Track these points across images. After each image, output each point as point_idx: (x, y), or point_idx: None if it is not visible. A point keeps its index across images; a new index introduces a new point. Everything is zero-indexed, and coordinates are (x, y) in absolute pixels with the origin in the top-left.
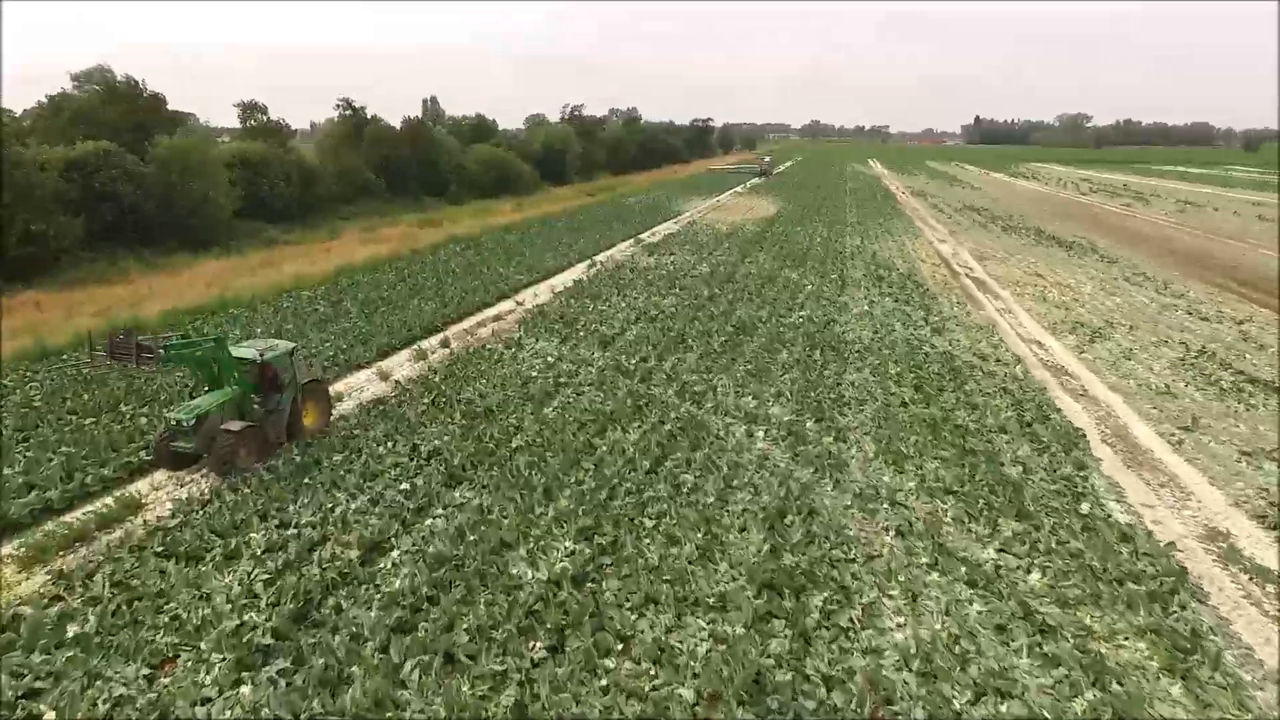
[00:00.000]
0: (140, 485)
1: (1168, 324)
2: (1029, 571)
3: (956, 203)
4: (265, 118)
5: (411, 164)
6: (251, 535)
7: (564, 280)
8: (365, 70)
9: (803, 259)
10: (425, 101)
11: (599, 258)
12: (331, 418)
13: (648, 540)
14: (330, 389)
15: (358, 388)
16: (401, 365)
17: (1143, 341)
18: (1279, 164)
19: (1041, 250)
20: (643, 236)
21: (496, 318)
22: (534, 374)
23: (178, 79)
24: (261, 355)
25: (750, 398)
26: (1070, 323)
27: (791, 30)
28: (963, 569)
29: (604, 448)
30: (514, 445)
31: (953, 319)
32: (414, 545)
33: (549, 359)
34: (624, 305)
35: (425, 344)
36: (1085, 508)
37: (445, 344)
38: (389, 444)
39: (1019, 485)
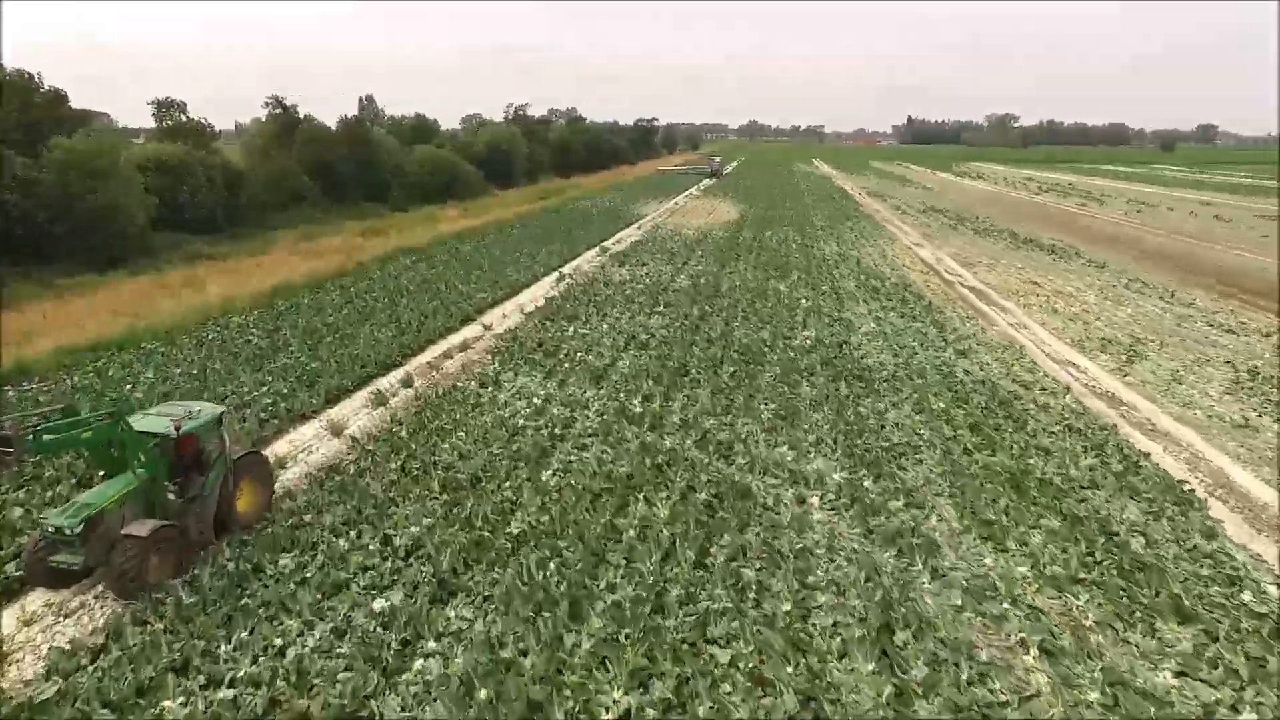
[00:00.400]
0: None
1: (1194, 338)
2: (1237, 712)
3: (917, 204)
4: (184, 116)
5: (350, 167)
6: (165, 704)
7: (532, 297)
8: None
9: (786, 268)
10: (362, 100)
11: (565, 270)
12: (273, 496)
13: (726, 685)
14: (271, 452)
15: (304, 446)
16: (357, 414)
17: (1181, 360)
18: None
19: (1025, 255)
20: (607, 244)
21: (464, 346)
22: (521, 421)
23: (105, 76)
24: (178, 428)
25: (785, 447)
26: (1095, 339)
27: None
28: (1150, 708)
29: (631, 530)
30: (514, 531)
31: (970, 337)
32: (403, 710)
33: (536, 400)
34: (607, 328)
35: (384, 383)
36: (1247, 597)
37: (408, 382)
38: (352, 534)
39: (1157, 568)
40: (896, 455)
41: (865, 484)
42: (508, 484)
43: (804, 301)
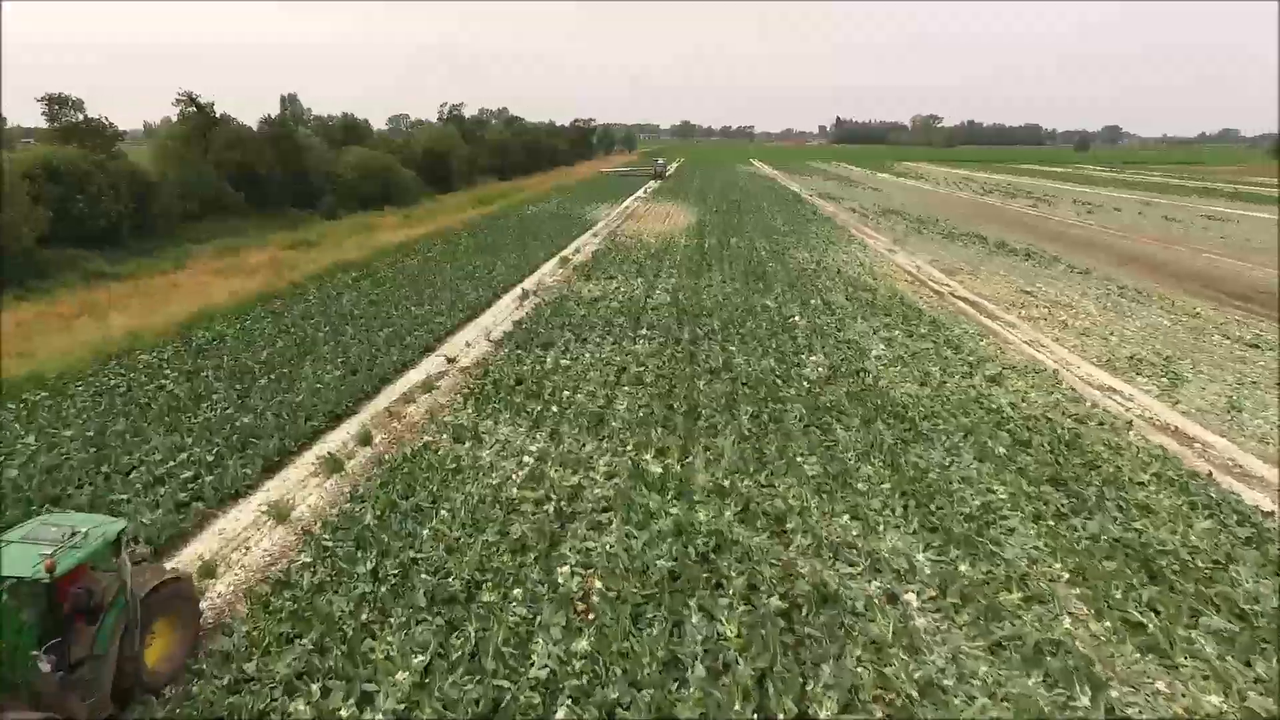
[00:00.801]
0: None
1: (1220, 354)
2: None
3: (872, 206)
4: (81, 115)
5: (275, 172)
6: None
7: (496, 320)
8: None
9: (764, 279)
10: (284, 98)
11: (527, 285)
12: (199, 636)
13: None
14: (193, 553)
15: (238, 541)
16: (306, 487)
17: (1223, 381)
18: None
19: (1004, 261)
20: (567, 254)
21: (427, 385)
22: (515, 492)
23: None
24: (51, 568)
25: (846, 517)
26: (1122, 359)
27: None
28: None
29: (698, 665)
30: (540, 674)
31: (992, 359)
32: None
33: (527, 459)
34: (590, 358)
35: (335, 441)
36: None
37: (366, 439)
38: (314, 691)
39: None
40: (982, 524)
41: (961, 568)
42: (517, 592)
43: (798, 319)
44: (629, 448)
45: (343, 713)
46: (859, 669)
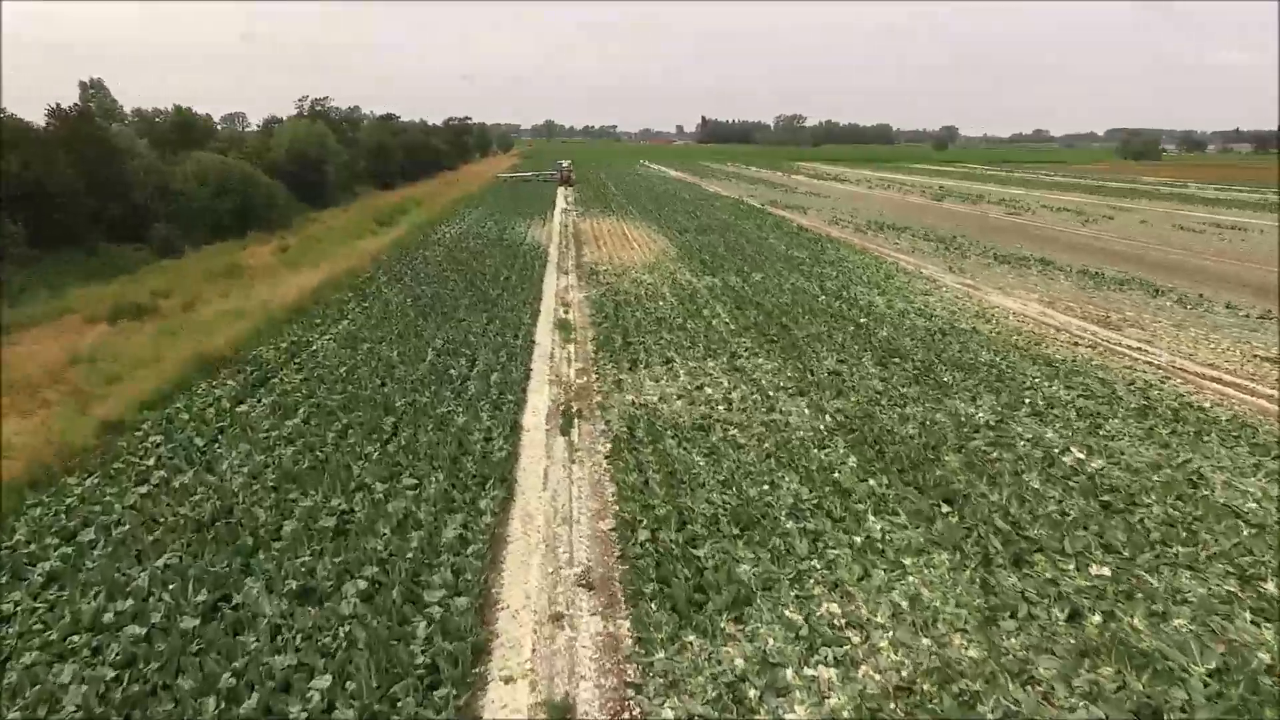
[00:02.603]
0: None
1: None
2: None
3: (848, 216)
4: None
5: (76, 186)
6: None
7: (541, 503)
8: None
9: (899, 354)
10: (85, 84)
11: (538, 403)
12: None
13: None
14: None
15: None
16: None
17: None
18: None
19: (1126, 298)
20: (552, 308)
21: None
22: None
23: None
24: None
25: None
26: None
27: (511, 28)
28: None
29: None
30: None
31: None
32: None
33: None
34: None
35: None
36: None
37: None
38: None
39: None
40: None
41: None
42: None
43: (1020, 441)
44: None
45: None
46: None
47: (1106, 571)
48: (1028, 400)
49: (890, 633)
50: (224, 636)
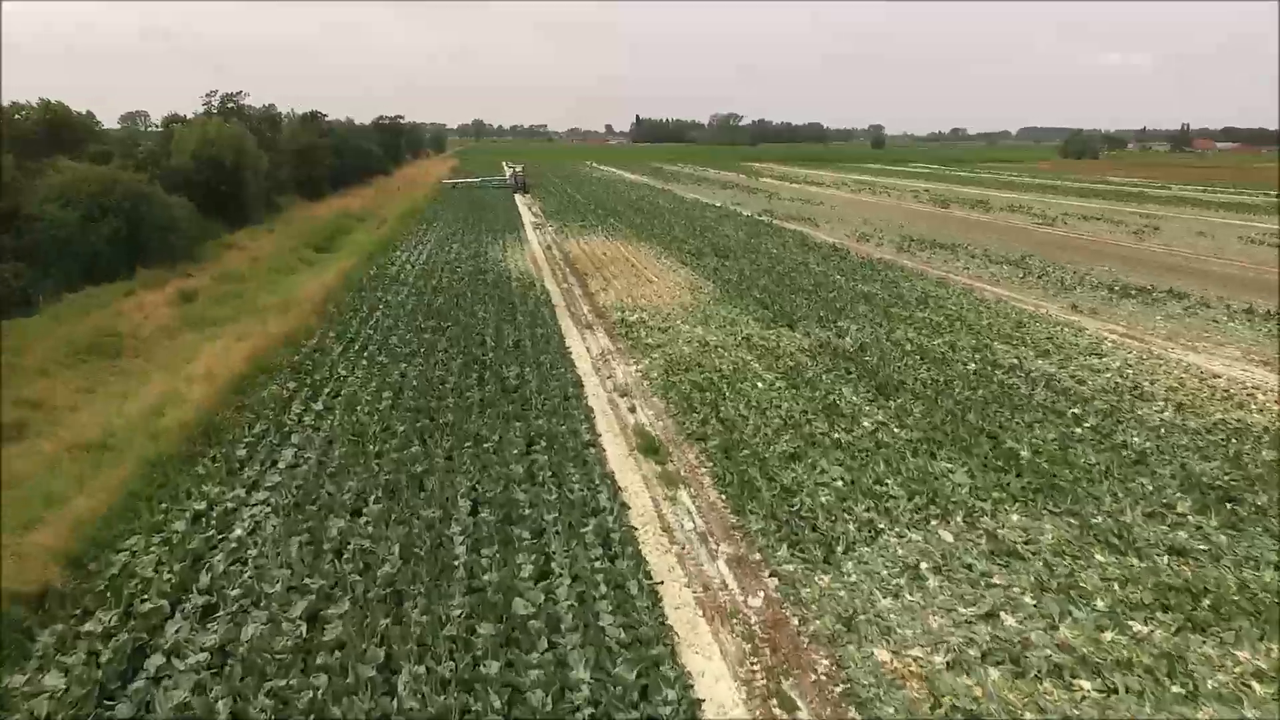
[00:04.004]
0: None
1: None
2: None
3: (866, 228)
4: None
5: None
6: None
7: None
8: None
9: (1137, 464)
10: None
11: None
12: None
13: None
14: None
15: None
16: None
17: None
18: None
19: (1241, 327)
20: (626, 411)
21: None
22: None
23: None
24: None
25: None
26: None
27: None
28: None
29: None
30: None
31: None
32: None
33: None
34: None
35: None
36: None
37: None
38: None
39: None
40: None
41: None
42: None
43: None
44: None
45: None
46: None
47: None
48: None
49: None
50: None
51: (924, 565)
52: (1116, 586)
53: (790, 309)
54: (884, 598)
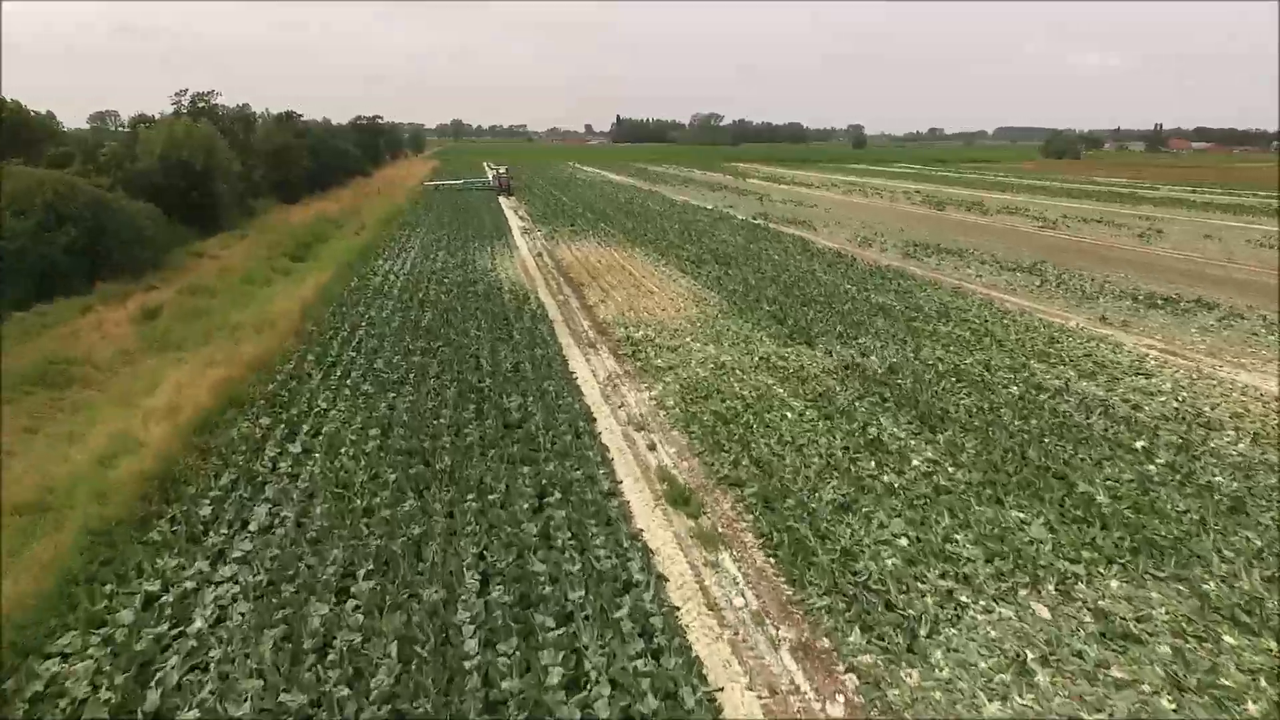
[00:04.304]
0: None
1: None
2: None
3: (866, 232)
4: None
5: None
6: None
7: None
8: None
9: (1236, 515)
10: None
11: None
12: None
13: None
14: None
15: None
16: None
17: None
18: None
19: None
20: (646, 451)
21: None
22: None
23: None
24: None
25: None
26: None
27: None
28: None
29: None
30: None
31: None
32: None
33: None
34: None
35: None
36: None
37: None
38: None
39: None
40: None
41: None
42: None
43: None
44: None
45: None
46: None
47: None
48: None
49: None
50: None
51: (1029, 655)
52: (1264, 682)
53: (805, 323)
54: (990, 700)
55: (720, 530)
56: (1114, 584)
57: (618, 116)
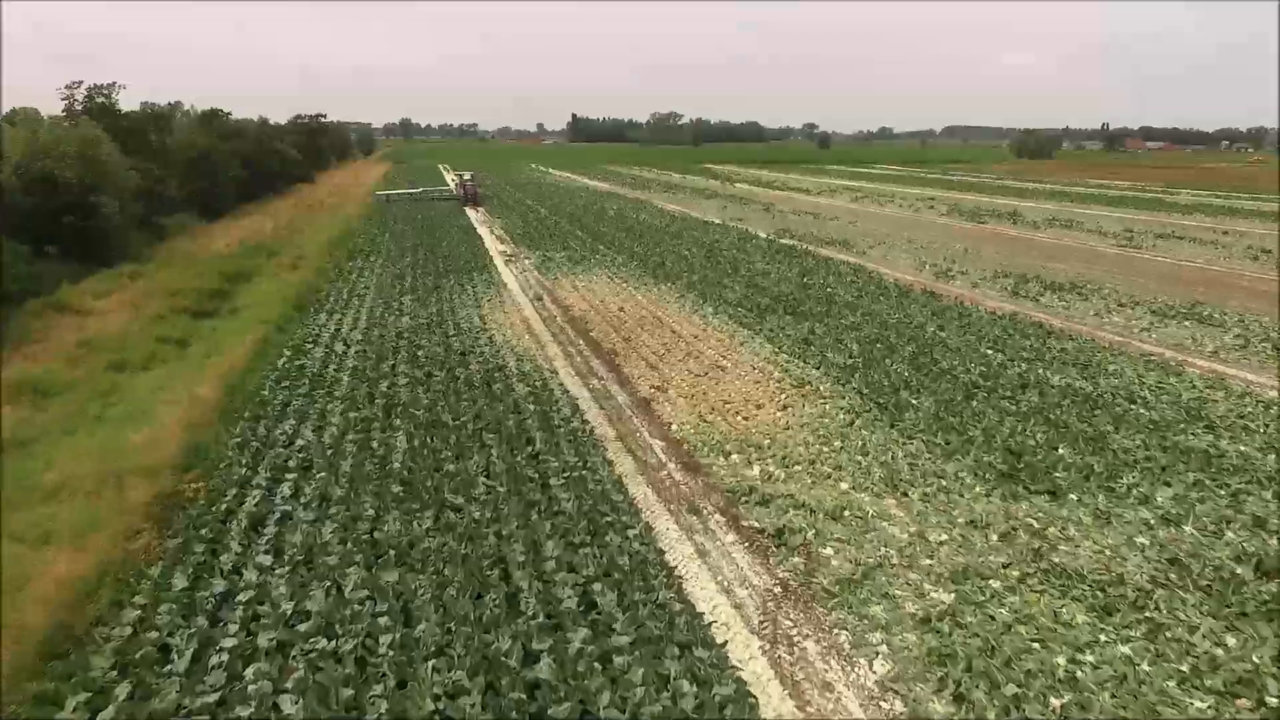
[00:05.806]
0: None
1: None
2: None
3: (926, 256)
4: None
5: None
6: None
7: None
8: None
9: None
10: None
11: None
12: None
13: None
14: None
15: None
16: None
17: None
18: None
19: None
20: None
21: None
22: None
23: None
24: None
25: None
26: None
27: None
28: None
29: None
30: None
31: None
32: None
33: None
34: None
35: None
36: None
37: None
38: None
39: None
40: None
41: None
42: None
43: None
44: None
45: None
46: None
47: None
48: None
49: None
50: None
51: None
52: None
53: (1016, 446)
54: None
55: None
56: None
57: (574, 115)
